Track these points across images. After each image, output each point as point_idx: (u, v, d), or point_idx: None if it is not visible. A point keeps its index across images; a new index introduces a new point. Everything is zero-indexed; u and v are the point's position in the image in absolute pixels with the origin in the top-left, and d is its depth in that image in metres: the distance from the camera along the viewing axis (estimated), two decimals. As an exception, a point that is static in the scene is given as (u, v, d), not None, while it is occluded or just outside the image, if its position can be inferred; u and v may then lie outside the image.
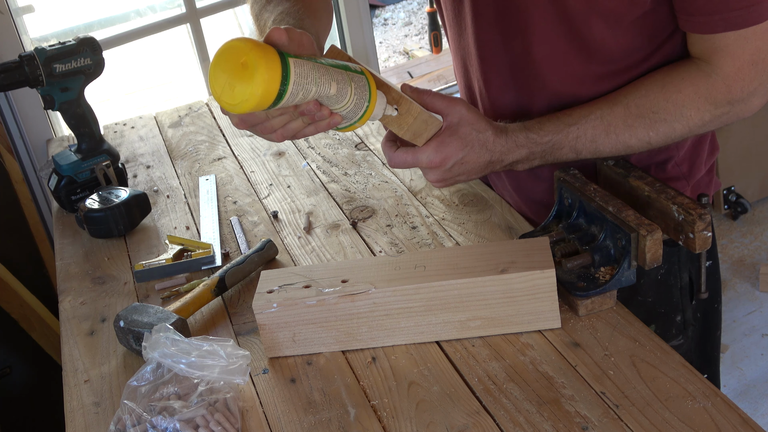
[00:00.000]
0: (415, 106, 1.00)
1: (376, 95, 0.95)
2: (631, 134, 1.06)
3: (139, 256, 1.38)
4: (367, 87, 0.93)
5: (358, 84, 0.92)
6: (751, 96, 1.03)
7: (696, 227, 0.99)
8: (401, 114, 1.00)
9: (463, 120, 1.04)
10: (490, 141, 1.05)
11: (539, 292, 1.00)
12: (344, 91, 0.90)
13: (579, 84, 1.12)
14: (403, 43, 5.35)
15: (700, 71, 1.03)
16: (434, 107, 1.04)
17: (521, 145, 1.07)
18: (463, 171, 1.06)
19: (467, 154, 1.04)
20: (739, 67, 1.01)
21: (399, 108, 1.00)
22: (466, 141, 1.04)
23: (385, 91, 1.00)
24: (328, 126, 0.94)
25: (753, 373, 2.41)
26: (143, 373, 0.98)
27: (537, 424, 0.90)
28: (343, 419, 0.95)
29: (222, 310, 1.20)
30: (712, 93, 1.03)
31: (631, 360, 0.96)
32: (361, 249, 1.29)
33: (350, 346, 1.06)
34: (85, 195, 1.54)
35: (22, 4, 2.09)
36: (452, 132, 1.03)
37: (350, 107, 0.92)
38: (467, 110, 1.04)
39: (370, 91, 0.94)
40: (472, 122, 1.04)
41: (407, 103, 1.00)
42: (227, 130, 1.81)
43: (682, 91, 1.04)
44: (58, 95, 1.50)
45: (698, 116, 1.04)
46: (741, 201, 2.96)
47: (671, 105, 1.04)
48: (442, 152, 1.03)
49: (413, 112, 1.00)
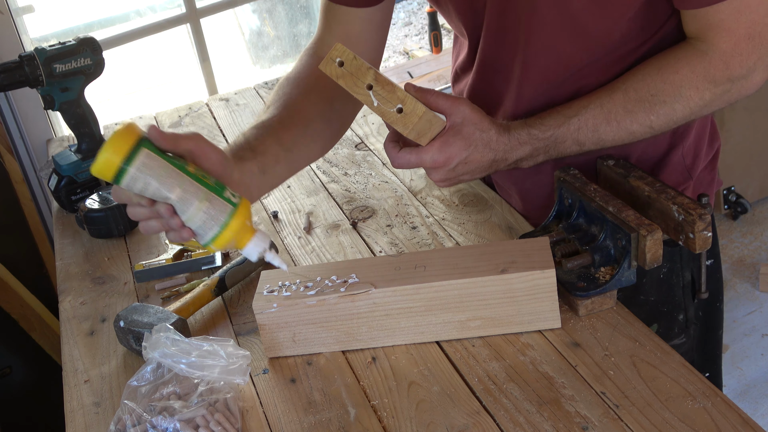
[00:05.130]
0: (420, 106, 1.00)
1: (241, 228, 0.93)
2: (632, 119, 1.06)
3: (139, 256, 1.38)
4: (228, 214, 0.91)
5: (214, 205, 0.91)
6: (752, 71, 1.02)
7: (696, 227, 0.99)
8: (406, 113, 1.00)
9: (467, 119, 1.04)
10: (493, 140, 1.05)
11: (539, 292, 1.00)
12: (188, 202, 0.90)
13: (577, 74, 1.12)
14: (403, 43, 5.36)
15: (696, 51, 1.03)
16: (438, 107, 1.04)
17: (524, 142, 1.07)
18: (467, 170, 1.06)
19: (471, 154, 1.04)
20: (736, 42, 1.00)
21: (404, 107, 1.00)
22: (469, 140, 1.04)
23: (390, 90, 0.99)
24: (179, 237, 0.94)
25: (753, 373, 2.41)
26: (143, 373, 0.98)
27: (537, 424, 0.90)
28: (343, 419, 0.95)
29: (222, 310, 1.20)
30: (710, 71, 1.02)
31: (631, 360, 0.96)
32: (361, 249, 1.29)
33: (350, 346, 1.06)
34: (85, 195, 1.54)
35: (22, 4, 2.09)
36: (456, 132, 1.03)
37: (197, 223, 0.91)
38: (471, 110, 1.04)
39: (231, 219, 0.92)
40: (476, 122, 1.04)
41: (412, 103, 0.99)
42: (227, 130, 1.81)
43: (679, 72, 1.03)
44: (58, 95, 1.50)
45: (698, 95, 1.03)
46: (741, 201, 2.96)
47: (669, 86, 1.04)
48: (446, 152, 1.03)
49: (418, 111, 1.00)
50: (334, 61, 1.00)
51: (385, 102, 1.00)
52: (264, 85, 2.02)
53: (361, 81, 1.00)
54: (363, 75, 1.00)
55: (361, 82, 1.00)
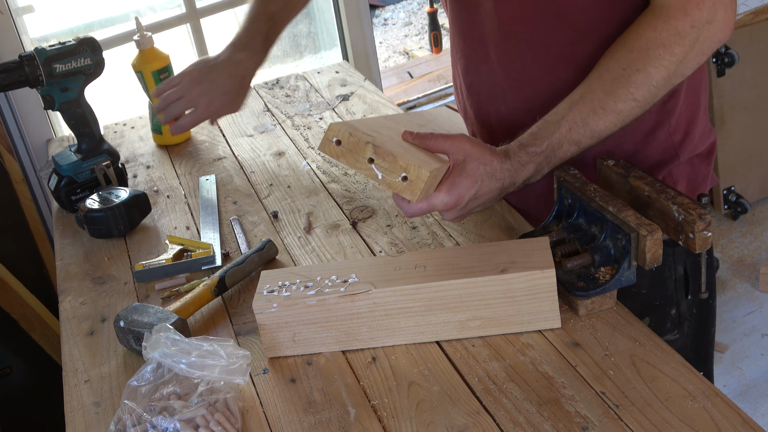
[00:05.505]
0: (423, 171, 1.00)
1: None
2: (615, 98, 1.06)
3: (139, 256, 1.38)
4: None
5: None
6: (714, 13, 1.02)
7: (696, 227, 0.99)
8: (411, 180, 1.00)
9: (468, 156, 1.05)
10: (497, 170, 1.07)
11: (539, 292, 1.00)
12: None
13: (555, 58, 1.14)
14: (403, 43, 5.35)
15: (652, 12, 1.04)
16: (438, 148, 1.07)
17: (525, 162, 1.08)
18: (478, 204, 1.09)
19: (479, 189, 1.06)
20: None
21: (408, 175, 1.00)
22: (475, 177, 1.05)
23: (391, 161, 1.01)
24: None
25: (753, 373, 2.41)
26: (143, 373, 0.98)
27: (537, 424, 0.90)
28: (343, 419, 0.95)
29: (222, 310, 1.20)
30: (671, 24, 1.02)
31: (631, 360, 0.96)
32: (361, 249, 1.29)
33: (350, 346, 1.06)
34: (85, 195, 1.54)
35: (22, 4, 2.09)
36: (460, 171, 1.05)
37: None
38: (470, 145, 1.06)
39: None
40: (477, 156, 1.06)
41: (416, 169, 1.00)
42: (227, 130, 1.81)
43: (642, 36, 1.04)
44: (58, 95, 1.50)
45: (668, 52, 1.03)
46: (741, 201, 2.96)
47: (637, 53, 1.04)
48: (455, 193, 1.05)
49: (423, 176, 1.00)
50: (331, 141, 1.02)
51: (388, 173, 1.01)
52: (264, 85, 2.02)
53: (361, 156, 1.01)
54: (362, 150, 1.01)
55: (361, 157, 1.02)
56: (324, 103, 1.86)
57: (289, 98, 1.92)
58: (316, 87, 1.96)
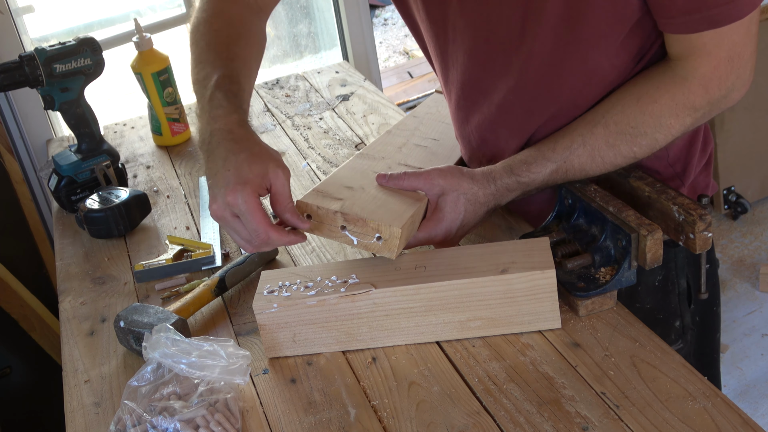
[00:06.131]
0: (395, 229, 1.01)
1: None
2: (616, 153, 1.06)
3: (139, 257, 1.38)
4: None
5: None
6: (730, 91, 1.01)
7: (696, 228, 0.99)
8: (386, 239, 1.02)
9: (445, 189, 1.07)
10: (479, 195, 1.08)
11: (539, 292, 1.00)
12: None
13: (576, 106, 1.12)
14: (403, 43, 5.35)
15: (675, 77, 1.02)
16: (412, 187, 1.08)
17: (512, 189, 1.09)
18: (467, 229, 1.10)
19: (464, 217, 1.08)
20: (716, 65, 0.99)
21: (381, 235, 1.02)
22: (456, 208, 1.07)
23: (362, 225, 1.03)
24: None
25: (753, 373, 2.41)
26: (143, 373, 0.98)
27: (537, 424, 0.90)
28: (343, 419, 0.95)
29: (222, 311, 1.20)
30: (689, 98, 1.01)
31: (631, 360, 0.96)
32: (361, 249, 1.28)
33: (350, 347, 1.06)
34: (85, 195, 1.54)
35: (22, 4, 2.09)
36: (440, 207, 1.07)
37: None
38: (443, 179, 1.07)
39: None
40: (454, 187, 1.07)
41: (387, 228, 1.02)
42: (227, 130, 1.80)
43: (658, 101, 1.02)
44: (58, 95, 1.50)
45: (678, 123, 1.03)
46: (741, 201, 2.96)
47: (649, 117, 1.03)
48: (440, 229, 1.08)
49: (395, 233, 1.02)
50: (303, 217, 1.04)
51: (363, 236, 1.03)
52: (264, 85, 2.02)
53: (333, 226, 1.04)
54: (332, 220, 1.04)
55: (333, 227, 1.04)
56: (324, 103, 1.86)
57: (289, 98, 1.93)
58: (316, 87, 1.96)
